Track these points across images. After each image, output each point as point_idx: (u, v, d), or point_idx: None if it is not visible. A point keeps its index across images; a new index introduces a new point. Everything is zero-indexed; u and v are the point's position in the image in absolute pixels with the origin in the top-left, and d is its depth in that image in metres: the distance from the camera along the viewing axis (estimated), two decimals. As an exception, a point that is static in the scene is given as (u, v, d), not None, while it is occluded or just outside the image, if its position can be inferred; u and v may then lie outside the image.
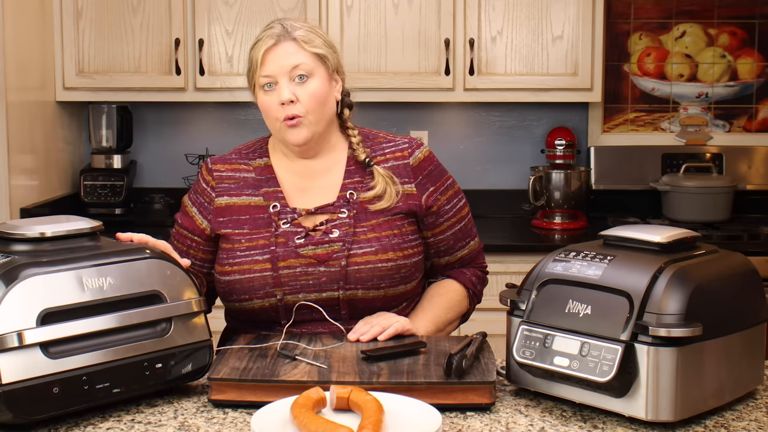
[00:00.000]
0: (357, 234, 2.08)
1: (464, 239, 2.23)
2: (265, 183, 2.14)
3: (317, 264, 2.06)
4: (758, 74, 4.18)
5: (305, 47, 2.07)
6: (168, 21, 3.85)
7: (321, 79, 2.08)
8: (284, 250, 2.06)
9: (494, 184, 4.21)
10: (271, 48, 2.07)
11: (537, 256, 1.88)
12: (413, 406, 1.60)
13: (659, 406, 1.60)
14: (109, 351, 1.66)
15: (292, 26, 2.09)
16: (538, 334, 1.70)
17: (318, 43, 2.09)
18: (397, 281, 2.09)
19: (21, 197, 3.61)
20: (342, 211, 2.10)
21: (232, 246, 2.09)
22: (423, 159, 2.17)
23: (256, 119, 4.24)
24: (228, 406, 1.72)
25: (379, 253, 2.07)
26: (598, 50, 3.84)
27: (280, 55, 2.06)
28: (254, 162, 2.16)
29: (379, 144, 2.18)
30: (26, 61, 3.66)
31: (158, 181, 4.27)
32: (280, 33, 2.08)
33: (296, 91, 2.05)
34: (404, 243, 2.10)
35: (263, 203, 2.11)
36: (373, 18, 3.83)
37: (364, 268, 2.06)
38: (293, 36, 2.07)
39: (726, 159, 4.14)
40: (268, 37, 2.08)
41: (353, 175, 2.14)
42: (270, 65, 2.06)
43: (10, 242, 1.70)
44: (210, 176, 2.16)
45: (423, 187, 2.15)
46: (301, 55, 2.06)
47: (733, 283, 1.74)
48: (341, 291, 2.05)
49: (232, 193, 2.13)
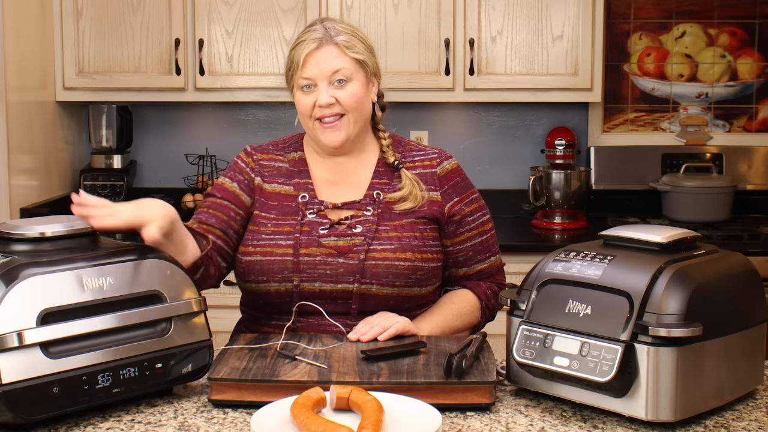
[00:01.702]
0: (379, 231, 2.12)
1: (484, 253, 2.24)
2: (297, 174, 2.19)
3: (337, 255, 2.09)
4: (758, 74, 4.18)
5: (347, 52, 2.10)
6: (168, 21, 3.85)
7: (359, 83, 2.12)
8: (307, 238, 2.10)
9: (494, 184, 4.21)
10: (313, 51, 2.09)
11: (537, 256, 1.88)
12: (413, 406, 1.60)
13: (659, 406, 1.60)
14: (109, 351, 1.66)
15: (334, 29, 2.12)
16: (538, 334, 1.70)
17: (359, 49, 2.12)
18: (412, 282, 2.11)
19: (21, 197, 3.61)
20: (367, 209, 2.14)
21: (258, 228, 2.14)
22: (450, 170, 2.21)
23: (256, 119, 4.25)
24: (228, 406, 1.72)
25: (398, 252, 2.10)
26: (598, 50, 3.84)
27: (321, 59, 2.09)
28: (289, 155, 2.22)
29: (410, 151, 2.23)
30: (26, 61, 3.66)
31: (158, 181, 4.27)
32: (322, 36, 2.11)
33: (335, 94, 2.10)
34: (424, 246, 2.13)
35: (293, 192, 2.17)
36: (373, 18, 3.83)
37: (381, 264, 2.08)
38: (335, 41, 2.10)
39: (726, 159, 4.14)
40: (310, 41, 2.10)
41: (381, 176, 2.18)
42: (311, 68, 2.10)
43: (10, 242, 1.70)
44: (250, 158, 2.22)
45: (448, 197, 2.18)
46: (342, 60, 2.10)
47: (733, 283, 1.74)
48: (356, 284, 2.08)
49: (266, 180, 2.19)
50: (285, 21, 3.85)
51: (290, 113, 4.32)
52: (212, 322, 1.84)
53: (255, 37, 3.86)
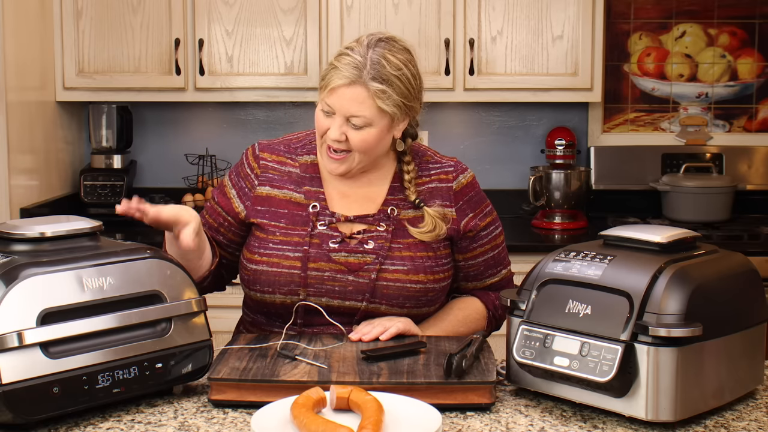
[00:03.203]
0: (392, 249, 2.06)
1: (495, 267, 2.19)
2: (309, 182, 2.11)
3: (347, 272, 2.04)
4: (758, 74, 4.17)
5: (375, 101, 1.98)
6: (168, 21, 3.85)
7: (378, 129, 2.01)
8: (317, 252, 2.05)
9: (494, 184, 4.20)
10: (342, 86, 1.97)
11: (537, 256, 1.88)
12: (413, 406, 1.60)
13: (659, 406, 1.60)
14: (109, 351, 1.66)
15: (374, 68, 1.97)
16: (538, 334, 1.70)
17: (392, 101, 1.99)
18: (422, 303, 2.07)
19: (21, 197, 3.61)
20: (381, 225, 2.08)
21: (266, 236, 2.08)
22: (465, 185, 2.14)
23: (256, 119, 4.25)
24: (228, 406, 1.72)
25: (410, 274, 2.05)
26: (598, 50, 3.84)
27: (346, 98, 1.98)
28: (301, 158, 2.13)
29: (426, 163, 2.15)
30: (26, 61, 3.66)
31: (158, 181, 4.27)
32: (356, 76, 1.96)
33: (348, 132, 2.00)
34: (437, 266, 2.08)
35: (304, 201, 2.09)
36: (373, 18, 3.83)
37: (392, 285, 2.04)
38: (368, 85, 1.97)
39: (726, 159, 4.14)
40: (344, 75, 1.97)
41: (397, 192, 2.11)
42: (334, 100, 1.99)
43: (10, 242, 1.70)
44: (256, 163, 2.13)
45: (463, 213, 2.12)
46: (366, 107, 1.98)
47: (733, 283, 1.74)
48: (365, 303, 2.04)
49: (275, 185, 2.11)
50: (285, 21, 3.84)
51: (290, 113, 4.33)
52: (212, 322, 1.84)
53: (255, 37, 3.86)
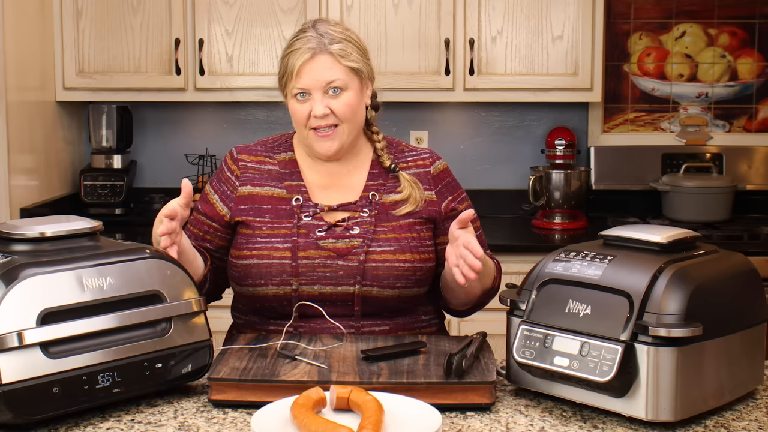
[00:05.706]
0: (377, 233, 2.11)
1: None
2: (289, 177, 2.17)
3: (336, 257, 2.08)
4: (758, 74, 4.17)
5: (341, 62, 2.08)
6: (168, 21, 3.85)
7: (354, 91, 2.10)
8: (305, 241, 2.09)
9: (494, 184, 4.21)
10: (307, 61, 2.07)
11: (537, 256, 1.88)
12: (413, 406, 1.60)
13: (659, 406, 1.60)
14: (109, 351, 1.66)
15: (328, 36, 2.09)
16: (538, 334, 1.70)
17: (354, 57, 2.10)
18: (412, 283, 2.11)
19: (21, 197, 3.61)
20: (364, 211, 2.13)
21: (252, 232, 2.12)
22: (442, 170, 2.22)
23: (256, 119, 4.25)
24: (228, 406, 1.72)
25: (397, 253, 2.09)
26: (598, 50, 3.84)
27: (316, 69, 2.07)
28: (279, 156, 2.20)
29: (402, 152, 2.22)
30: (26, 61, 3.66)
31: (158, 181, 4.27)
32: (315, 46, 2.07)
33: (330, 104, 2.08)
34: (422, 247, 2.13)
35: (286, 195, 2.15)
36: (373, 18, 3.83)
37: (381, 266, 2.08)
38: (329, 49, 2.07)
39: (726, 159, 4.14)
40: (304, 50, 2.07)
41: (376, 178, 2.18)
42: (305, 78, 2.08)
43: (10, 242, 1.70)
44: (235, 165, 2.19)
45: (442, 195, 2.19)
46: (336, 70, 2.08)
47: (733, 283, 1.74)
48: (357, 286, 2.07)
49: (256, 183, 2.16)
50: (285, 21, 3.84)
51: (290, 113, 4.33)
52: (212, 322, 1.84)
53: (255, 37, 3.86)
